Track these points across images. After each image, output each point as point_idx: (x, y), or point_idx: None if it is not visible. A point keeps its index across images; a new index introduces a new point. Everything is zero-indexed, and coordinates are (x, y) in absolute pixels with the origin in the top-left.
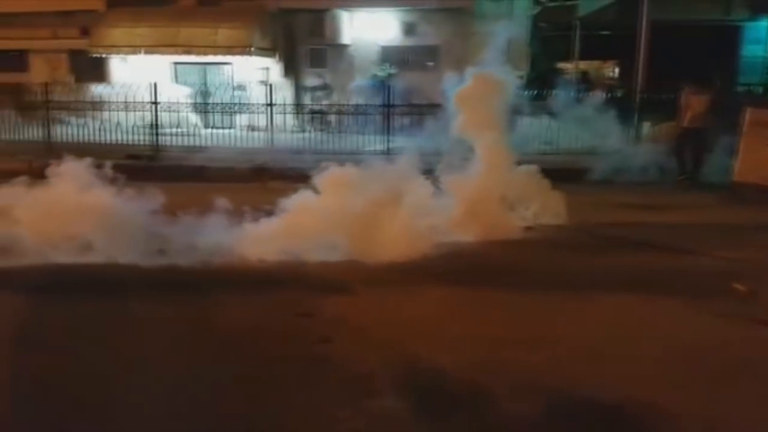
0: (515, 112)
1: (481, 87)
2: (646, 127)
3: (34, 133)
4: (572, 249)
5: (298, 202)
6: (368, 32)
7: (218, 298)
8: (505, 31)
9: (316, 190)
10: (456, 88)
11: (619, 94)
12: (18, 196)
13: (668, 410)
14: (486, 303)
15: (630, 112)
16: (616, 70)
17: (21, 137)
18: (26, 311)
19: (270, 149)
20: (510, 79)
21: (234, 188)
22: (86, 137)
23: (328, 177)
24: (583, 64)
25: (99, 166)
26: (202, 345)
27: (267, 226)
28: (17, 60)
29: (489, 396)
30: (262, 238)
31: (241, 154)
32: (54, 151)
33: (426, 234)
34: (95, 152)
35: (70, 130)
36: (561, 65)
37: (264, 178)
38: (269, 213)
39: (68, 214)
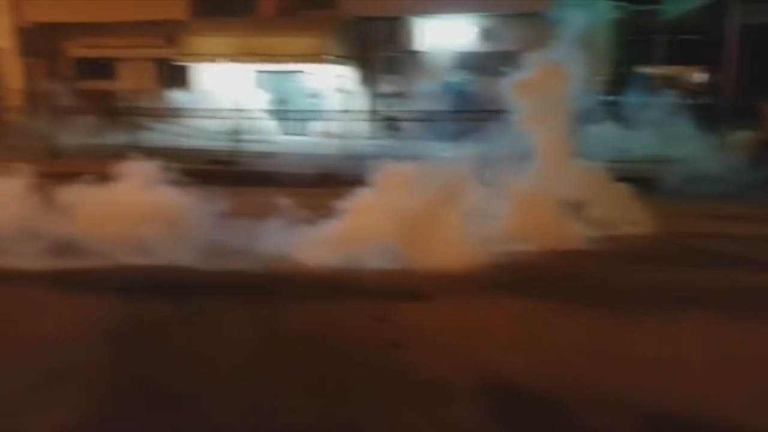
0: (590, 116)
1: (542, 75)
2: (732, 135)
3: (120, 138)
4: (649, 260)
5: (355, 204)
6: (443, 38)
7: (286, 302)
8: (579, 23)
9: (373, 189)
10: (515, 77)
11: (704, 101)
12: (90, 196)
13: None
14: (557, 315)
15: (715, 119)
16: (703, 76)
17: (107, 142)
18: (102, 313)
19: (343, 155)
20: (577, 68)
21: (305, 193)
22: (169, 143)
23: (386, 174)
24: (668, 70)
25: (174, 170)
26: (274, 349)
27: (326, 230)
28: (106, 68)
29: (565, 409)
30: (321, 243)
31: (315, 160)
32: (137, 155)
33: (483, 242)
34: (177, 157)
35: (154, 135)
36: (644, 70)
37: (334, 184)
38: (332, 217)
39: (136, 215)
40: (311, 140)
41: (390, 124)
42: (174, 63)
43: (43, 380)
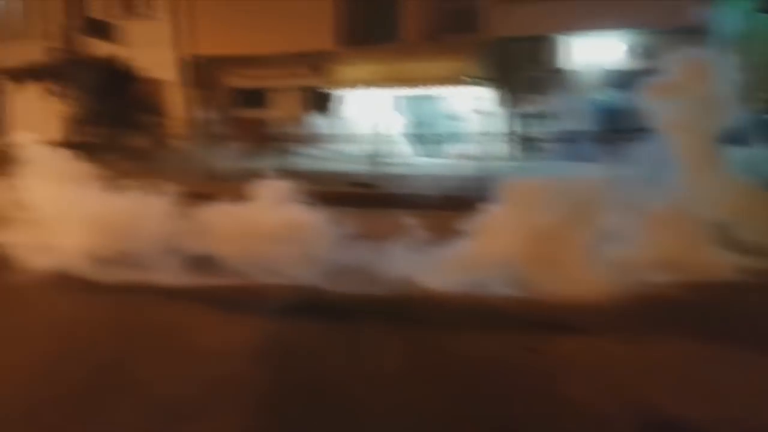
0: (744, 134)
1: (684, 75)
2: None
3: (268, 162)
4: None
5: (484, 226)
6: (591, 56)
7: (427, 328)
8: (735, 36)
9: (502, 208)
10: (654, 78)
11: None
12: (231, 216)
13: None
14: (718, 354)
15: None
16: None
17: (256, 166)
18: (249, 331)
19: (481, 177)
20: (727, 72)
21: (438, 215)
22: (313, 166)
23: (514, 191)
24: None
25: (313, 193)
26: (430, 378)
27: (454, 253)
28: (259, 97)
29: None
30: (448, 266)
31: (451, 182)
32: (279, 178)
33: (621, 269)
34: (318, 180)
35: (299, 159)
36: None
37: (468, 205)
38: (460, 239)
39: (272, 235)
40: (450, 162)
41: (531, 144)
42: (320, 91)
43: (208, 389)
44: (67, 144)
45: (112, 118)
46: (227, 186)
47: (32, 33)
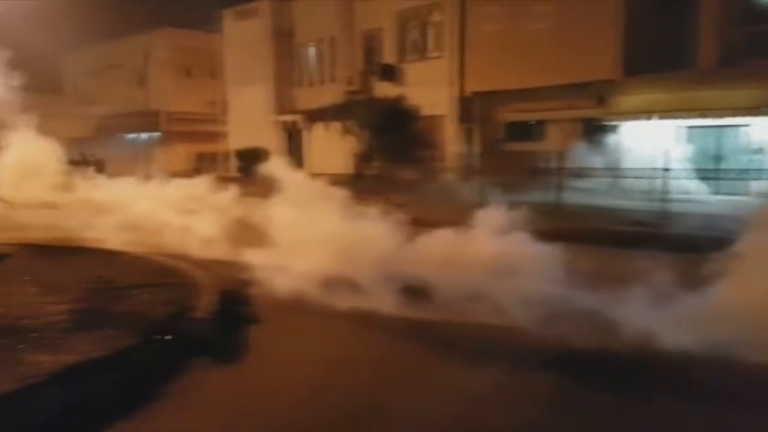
0: None
1: None
2: None
3: (545, 196)
4: None
5: (738, 269)
6: None
7: (689, 399)
8: None
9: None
10: None
11: None
12: (460, 246)
13: None
14: None
15: None
16: None
17: (533, 200)
18: (474, 373)
19: None
20: None
21: (705, 259)
22: (593, 201)
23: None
24: None
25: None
26: None
27: (703, 303)
28: (536, 130)
29: None
30: (693, 322)
31: (739, 224)
32: (560, 214)
33: None
34: (598, 217)
35: (578, 194)
36: None
37: None
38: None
39: (493, 268)
40: (747, 201)
41: None
42: (598, 122)
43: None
44: (349, 176)
45: (391, 153)
46: (473, 217)
47: (332, 78)
